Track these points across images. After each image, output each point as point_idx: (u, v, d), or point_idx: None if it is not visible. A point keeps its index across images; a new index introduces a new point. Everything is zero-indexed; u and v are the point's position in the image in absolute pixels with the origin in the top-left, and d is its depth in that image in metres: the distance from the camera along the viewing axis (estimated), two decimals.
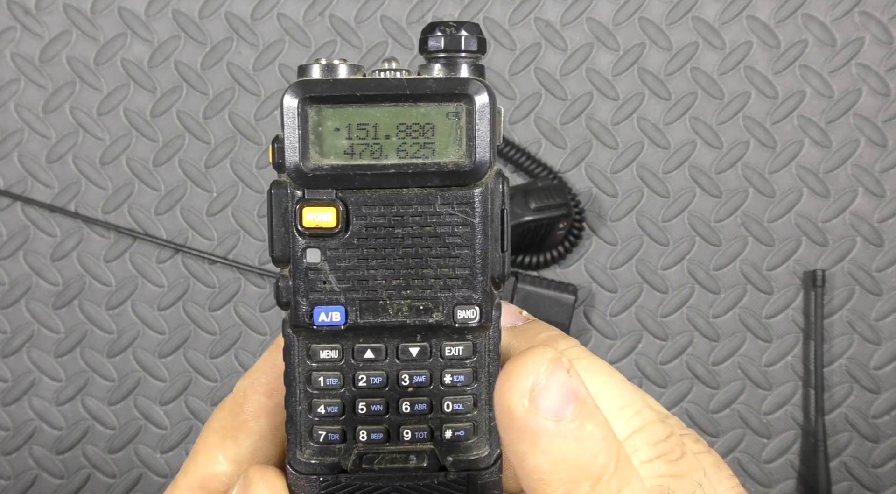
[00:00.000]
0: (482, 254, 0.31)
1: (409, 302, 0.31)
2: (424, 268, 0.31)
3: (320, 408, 0.32)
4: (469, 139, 0.31)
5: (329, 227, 0.31)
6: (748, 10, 0.81)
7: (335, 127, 0.31)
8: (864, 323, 0.81)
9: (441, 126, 0.31)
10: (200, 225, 0.80)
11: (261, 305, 0.80)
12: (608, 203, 0.81)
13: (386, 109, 0.31)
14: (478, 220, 0.31)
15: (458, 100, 0.31)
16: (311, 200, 0.31)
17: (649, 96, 0.81)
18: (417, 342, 0.32)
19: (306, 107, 0.30)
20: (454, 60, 0.31)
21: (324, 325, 0.31)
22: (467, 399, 0.32)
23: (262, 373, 0.35)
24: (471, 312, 0.31)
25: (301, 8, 0.81)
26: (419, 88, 0.30)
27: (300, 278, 0.31)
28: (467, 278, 0.31)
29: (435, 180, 0.31)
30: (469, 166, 0.31)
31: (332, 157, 0.31)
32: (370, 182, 0.31)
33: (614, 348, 0.81)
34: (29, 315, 0.80)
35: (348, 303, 0.31)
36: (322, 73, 0.31)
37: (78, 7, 0.80)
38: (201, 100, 0.80)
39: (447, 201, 0.31)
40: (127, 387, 0.80)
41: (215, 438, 0.34)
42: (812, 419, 0.80)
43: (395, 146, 0.31)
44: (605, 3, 0.81)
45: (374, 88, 0.30)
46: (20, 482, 0.80)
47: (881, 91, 0.80)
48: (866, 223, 0.80)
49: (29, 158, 0.80)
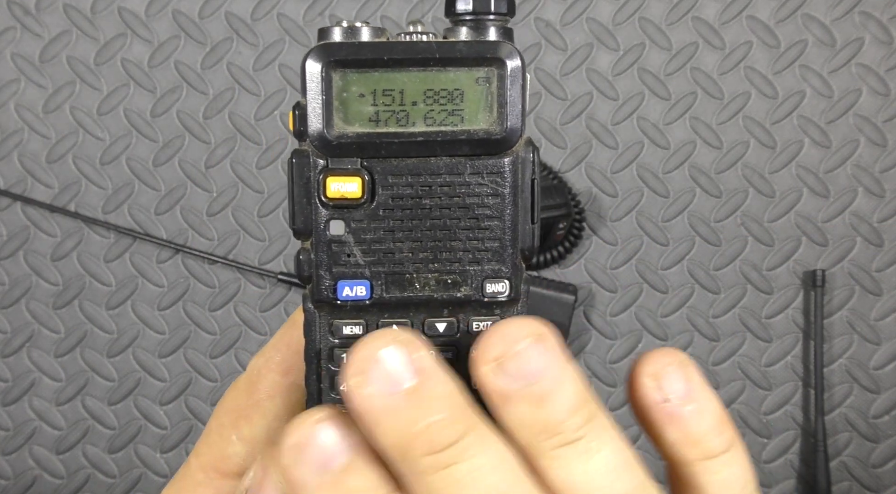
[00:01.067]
0: (512, 226, 0.30)
1: (436, 276, 0.30)
2: (453, 240, 0.30)
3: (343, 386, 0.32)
4: (500, 106, 0.30)
5: (354, 197, 0.29)
6: (748, 10, 0.81)
7: (360, 93, 0.29)
8: (864, 323, 0.81)
9: (470, 92, 0.30)
10: (200, 225, 0.80)
11: (261, 305, 0.80)
12: (608, 203, 0.81)
13: (413, 75, 0.29)
14: (508, 190, 0.30)
15: (489, 64, 0.29)
16: (336, 169, 0.29)
17: (649, 96, 0.81)
18: (445, 318, 0.31)
19: (330, 71, 0.29)
20: (482, 23, 0.30)
21: (348, 299, 0.30)
22: None
23: (276, 351, 0.34)
24: (500, 285, 0.30)
25: (301, 8, 0.81)
26: (449, 51, 0.29)
27: (323, 251, 0.30)
28: (497, 251, 0.30)
29: (464, 149, 0.30)
30: (500, 134, 0.30)
31: (357, 124, 0.29)
32: (397, 151, 0.29)
33: (614, 348, 0.81)
34: (29, 315, 0.80)
35: (373, 277, 0.30)
36: (344, 35, 0.30)
37: (78, 7, 0.80)
38: (201, 100, 0.80)
39: (477, 170, 0.30)
40: (127, 387, 0.80)
41: (228, 418, 0.33)
42: (812, 419, 0.80)
43: (423, 113, 0.30)
44: (605, 3, 0.81)
45: (402, 52, 0.29)
46: (20, 482, 0.80)
47: (881, 91, 0.81)
48: (866, 223, 0.80)
49: (29, 158, 0.80)
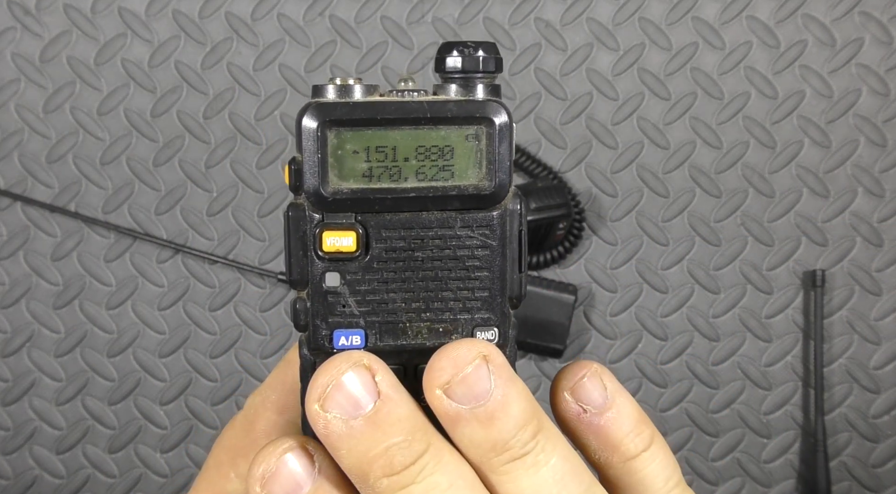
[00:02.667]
0: (501, 276, 0.31)
1: (428, 325, 0.31)
2: (444, 291, 0.31)
3: None
4: (489, 162, 0.31)
5: (349, 251, 0.30)
6: (748, 10, 0.81)
7: (354, 150, 0.30)
8: (863, 323, 0.81)
9: (460, 148, 0.31)
10: (200, 225, 0.80)
11: (261, 305, 0.80)
12: (608, 203, 0.81)
13: (405, 132, 0.30)
14: (497, 242, 0.31)
15: (478, 123, 0.30)
16: (331, 224, 0.30)
17: (649, 96, 0.81)
18: None
19: (326, 130, 0.30)
20: (471, 81, 0.31)
21: (344, 348, 0.31)
22: None
23: (272, 390, 0.35)
24: (489, 333, 0.31)
25: (301, 8, 0.81)
26: (439, 110, 0.30)
27: (319, 302, 0.31)
28: (486, 300, 0.31)
29: (455, 203, 0.31)
30: (489, 189, 0.31)
31: (352, 180, 0.30)
32: (390, 205, 0.30)
33: (614, 348, 0.81)
34: (29, 315, 0.80)
35: (368, 326, 0.31)
36: (338, 93, 0.30)
37: (78, 7, 0.80)
38: (201, 100, 0.80)
39: (467, 223, 0.31)
40: (127, 387, 0.80)
41: (226, 456, 0.34)
42: (812, 419, 0.80)
43: (415, 169, 0.31)
44: (605, 3, 0.81)
45: (394, 112, 0.30)
46: (20, 482, 0.80)
47: (881, 91, 0.81)
48: (866, 223, 0.80)
49: (29, 158, 0.80)
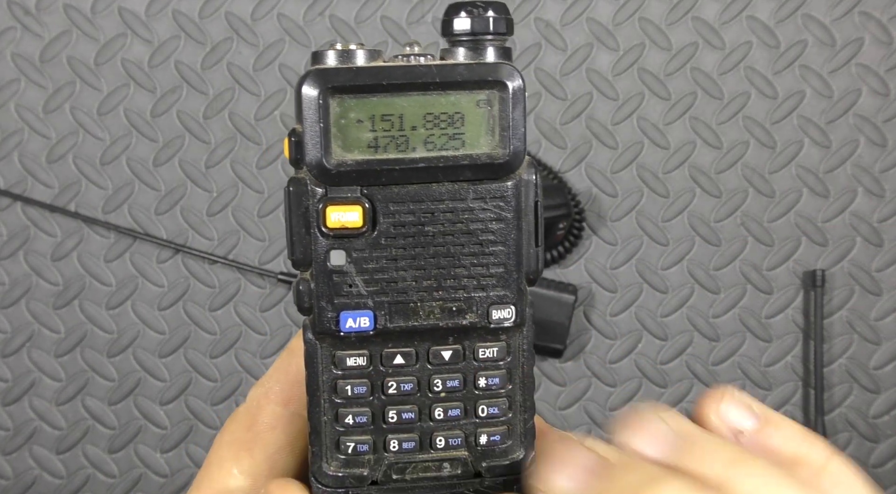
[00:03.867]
0: (517, 250, 0.30)
1: (440, 304, 0.30)
2: (457, 267, 0.29)
3: (348, 418, 0.30)
4: (503, 128, 0.29)
5: (355, 226, 0.29)
6: (748, 10, 0.81)
7: (358, 119, 0.28)
8: (863, 323, 0.81)
9: (471, 115, 0.29)
10: (200, 225, 0.80)
11: (261, 305, 0.81)
12: (608, 203, 0.81)
13: (412, 99, 0.28)
14: (512, 214, 0.29)
15: (491, 87, 0.29)
16: (335, 198, 0.29)
17: (649, 96, 0.81)
18: (450, 345, 0.30)
19: (328, 98, 0.28)
20: (481, 44, 0.29)
21: (352, 331, 0.29)
22: (502, 402, 0.31)
23: (275, 381, 0.33)
24: (506, 311, 0.30)
25: (301, 8, 0.81)
26: (449, 74, 0.28)
27: (324, 282, 0.29)
28: (502, 276, 0.30)
29: (467, 174, 0.29)
30: (503, 158, 0.29)
31: (356, 151, 0.29)
32: (398, 177, 0.29)
33: (614, 348, 0.81)
34: (29, 315, 0.80)
35: (377, 307, 0.29)
36: (339, 59, 0.29)
37: (78, 7, 0.80)
38: (201, 100, 0.80)
39: (480, 195, 0.29)
40: (127, 387, 0.80)
41: (229, 451, 0.33)
42: (812, 419, 0.80)
43: (423, 138, 0.29)
44: (605, 3, 0.81)
45: (401, 76, 0.28)
46: (20, 482, 0.80)
47: (881, 91, 0.81)
48: (866, 223, 0.80)
49: (29, 158, 0.80)
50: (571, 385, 0.81)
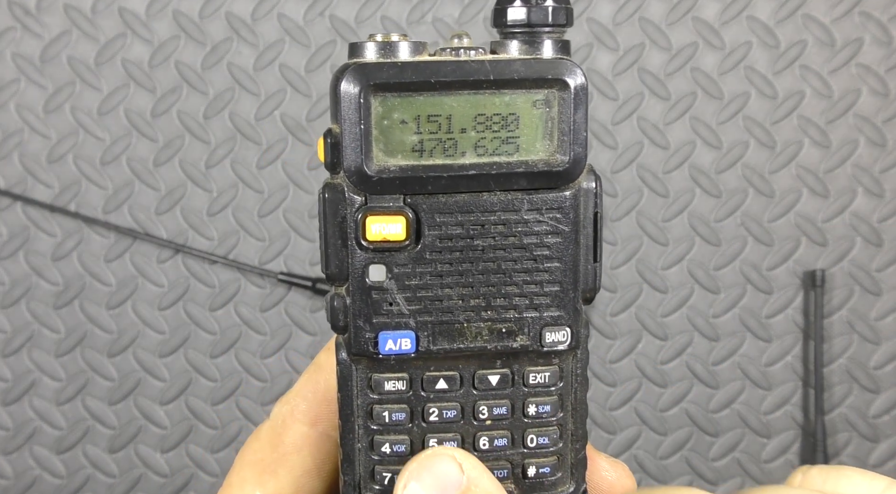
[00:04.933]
0: (573, 267, 0.27)
1: (489, 325, 0.27)
2: (508, 285, 0.27)
3: (384, 446, 0.28)
4: (562, 132, 0.26)
5: (397, 239, 0.26)
6: (748, 10, 0.81)
7: (402, 120, 0.26)
8: (863, 323, 0.81)
9: (527, 117, 0.26)
10: (200, 225, 0.80)
11: (261, 305, 0.81)
12: (608, 203, 0.81)
13: (462, 98, 0.26)
14: (570, 227, 0.27)
15: (550, 85, 0.26)
16: (376, 208, 0.26)
17: (649, 96, 0.81)
18: (498, 369, 0.28)
19: (369, 96, 0.25)
20: (537, 36, 0.26)
21: (391, 353, 0.27)
22: (553, 431, 0.28)
23: (302, 398, 0.31)
24: (561, 334, 0.27)
25: (301, 8, 0.81)
26: (504, 71, 0.25)
27: (362, 300, 0.26)
28: (557, 295, 0.27)
29: (522, 182, 0.26)
30: (563, 165, 0.26)
31: (400, 156, 0.26)
32: (445, 186, 0.26)
33: (614, 348, 0.81)
34: (29, 315, 0.80)
35: (419, 327, 0.27)
36: (381, 53, 0.26)
37: (78, 7, 0.80)
38: (201, 100, 0.80)
39: (535, 205, 0.26)
40: (127, 387, 0.80)
41: (252, 472, 0.30)
42: (812, 419, 0.80)
43: (473, 142, 0.26)
44: (605, 3, 0.81)
45: (451, 73, 0.25)
46: (21, 482, 0.80)
47: (881, 91, 0.81)
48: (866, 223, 0.81)
49: (29, 158, 0.80)
50: None
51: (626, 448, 0.81)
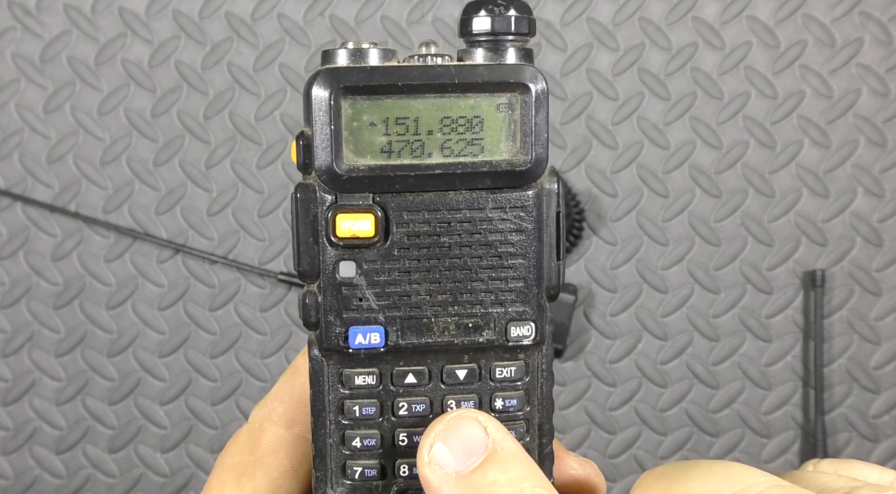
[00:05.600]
0: (537, 263, 0.28)
1: (456, 319, 0.28)
2: (474, 281, 0.28)
3: (355, 441, 0.29)
4: (524, 134, 0.27)
5: (366, 236, 0.27)
6: (748, 10, 0.81)
7: (371, 122, 0.27)
8: (863, 323, 0.81)
9: (491, 119, 0.27)
10: (200, 225, 0.80)
11: (261, 305, 0.81)
12: (608, 203, 0.81)
13: (429, 101, 0.27)
14: (533, 225, 0.28)
15: (512, 89, 0.27)
16: (346, 205, 0.27)
17: (649, 96, 0.81)
18: (465, 364, 0.29)
19: (339, 99, 0.27)
20: (501, 44, 0.27)
21: (361, 347, 0.28)
22: (519, 425, 0.29)
23: (279, 402, 0.32)
24: (526, 328, 0.28)
25: (301, 8, 0.81)
26: (468, 75, 0.27)
27: (332, 296, 0.27)
28: (521, 291, 0.28)
29: (486, 182, 0.27)
30: (525, 165, 0.27)
31: (369, 156, 0.27)
32: (412, 184, 0.27)
33: (614, 348, 0.81)
34: (29, 315, 0.80)
35: (388, 322, 0.28)
36: (351, 58, 0.27)
37: (78, 7, 0.80)
38: (201, 100, 0.80)
39: (499, 204, 0.27)
40: (127, 387, 0.80)
41: (230, 476, 0.31)
42: (812, 419, 0.80)
43: (439, 143, 0.27)
44: (605, 3, 0.81)
45: (417, 77, 0.27)
46: (20, 482, 0.80)
47: (881, 91, 0.81)
48: (866, 223, 0.81)
49: (29, 158, 0.80)
50: (571, 385, 0.81)
51: (626, 448, 0.81)
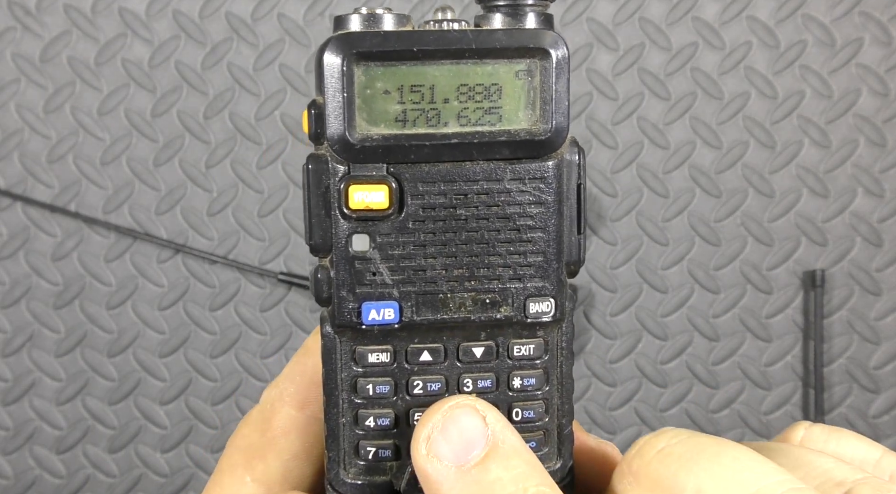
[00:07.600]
0: (557, 237, 0.27)
1: (473, 295, 0.27)
2: (491, 255, 0.27)
3: (368, 420, 0.28)
4: (544, 102, 0.26)
5: (380, 208, 0.26)
6: (748, 10, 0.81)
7: (385, 89, 0.26)
8: (863, 323, 0.81)
9: (509, 87, 0.26)
10: (200, 225, 0.80)
11: (261, 305, 0.81)
12: (608, 203, 0.81)
13: (445, 68, 0.26)
14: (553, 197, 0.27)
15: (532, 55, 0.26)
16: (359, 176, 0.26)
17: (649, 96, 0.81)
18: (482, 341, 0.28)
19: (352, 65, 0.25)
20: (520, 9, 0.26)
21: (375, 323, 0.27)
22: (538, 405, 0.28)
23: (290, 382, 0.31)
24: (545, 305, 0.27)
25: (301, 8, 0.81)
26: (486, 41, 0.26)
27: (345, 270, 0.26)
28: (541, 266, 0.27)
29: (504, 152, 0.26)
30: (545, 134, 0.26)
31: (383, 125, 0.26)
32: (428, 155, 0.26)
33: (614, 348, 0.81)
34: (29, 315, 0.80)
35: (403, 298, 0.27)
36: (364, 24, 0.26)
37: (78, 7, 0.80)
38: (201, 100, 0.80)
39: (518, 175, 0.26)
40: (127, 387, 0.80)
41: (241, 457, 0.31)
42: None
43: (455, 112, 0.26)
44: (605, 3, 0.81)
45: (433, 43, 0.25)
46: (20, 482, 0.80)
47: (881, 91, 0.81)
48: (866, 223, 0.81)
49: (29, 158, 0.80)
50: None
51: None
